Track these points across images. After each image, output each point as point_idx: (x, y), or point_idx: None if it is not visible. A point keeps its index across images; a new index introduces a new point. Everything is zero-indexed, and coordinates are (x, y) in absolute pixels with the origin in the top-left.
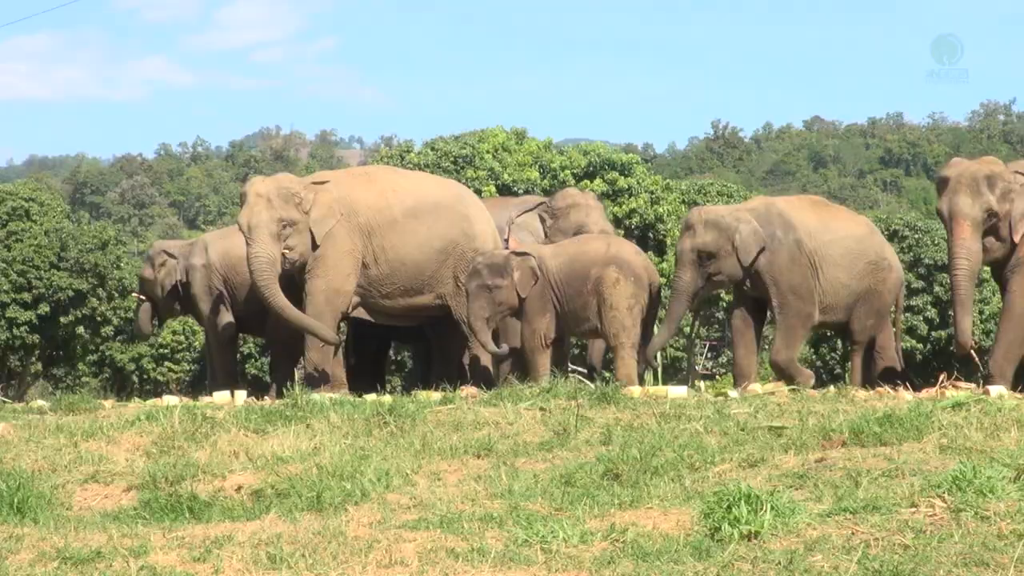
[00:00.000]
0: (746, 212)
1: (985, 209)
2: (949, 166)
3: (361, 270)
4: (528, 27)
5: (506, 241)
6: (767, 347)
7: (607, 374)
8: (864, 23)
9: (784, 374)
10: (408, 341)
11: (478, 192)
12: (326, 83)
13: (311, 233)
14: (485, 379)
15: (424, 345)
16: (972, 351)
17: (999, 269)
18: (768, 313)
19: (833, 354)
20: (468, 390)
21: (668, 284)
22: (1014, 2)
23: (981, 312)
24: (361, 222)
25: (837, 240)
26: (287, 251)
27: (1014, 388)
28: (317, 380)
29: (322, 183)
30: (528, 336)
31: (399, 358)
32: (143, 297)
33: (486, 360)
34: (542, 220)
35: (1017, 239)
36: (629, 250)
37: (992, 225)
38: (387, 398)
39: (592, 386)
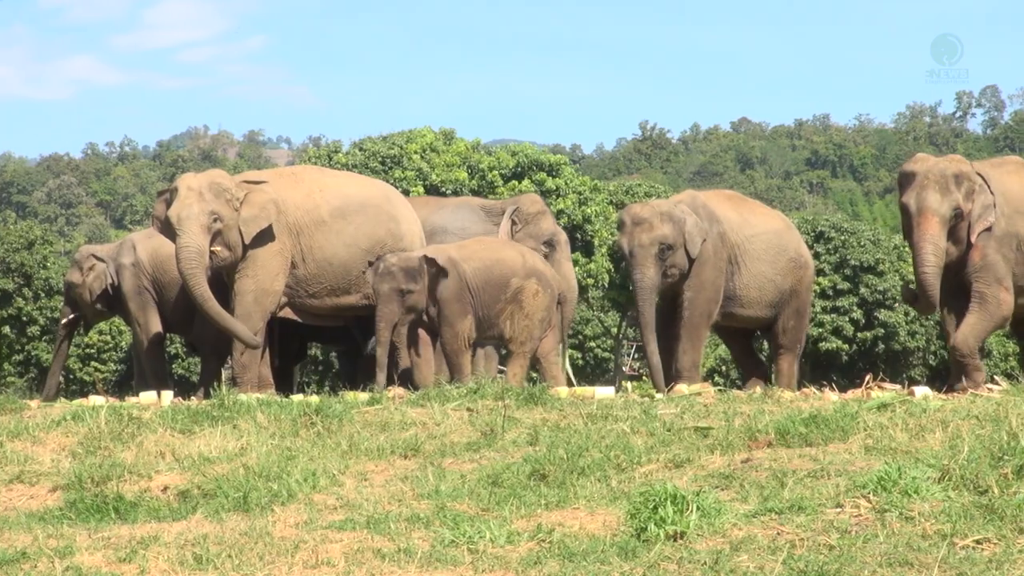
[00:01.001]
0: (683, 205)
1: (953, 207)
2: (915, 161)
3: (289, 270)
4: (457, 28)
5: None
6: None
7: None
8: (790, 25)
9: (686, 378)
10: (327, 342)
11: (406, 192)
12: (254, 83)
13: (240, 232)
14: (408, 379)
15: (349, 346)
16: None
17: (954, 272)
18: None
19: (761, 354)
20: (395, 391)
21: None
22: (941, 6)
23: (907, 313)
24: (289, 222)
25: (758, 235)
26: (216, 249)
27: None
28: (244, 380)
29: (257, 183)
30: (451, 339)
31: (326, 358)
32: (72, 315)
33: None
34: (513, 223)
35: (974, 240)
36: (542, 261)
37: (955, 225)
38: (314, 399)
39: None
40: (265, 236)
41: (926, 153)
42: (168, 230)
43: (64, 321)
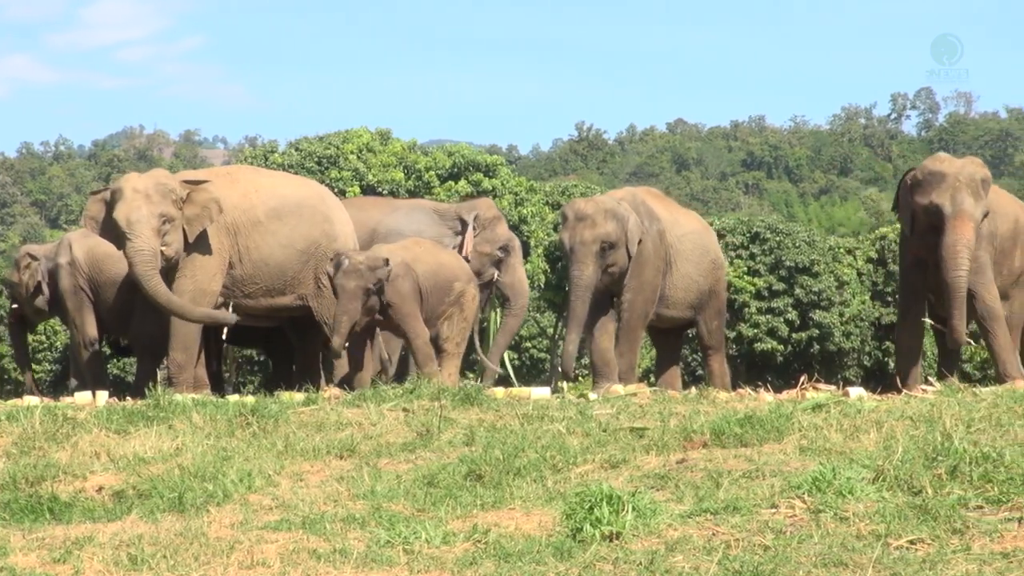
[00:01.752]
0: (625, 203)
1: (983, 212)
2: (941, 160)
3: (226, 270)
4: (393, 27)
5: (462, 246)
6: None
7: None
8: (726, 26)
9: (623, 379)
10: (249, 344)
11: (342, 193)
12: (191, 82)
13: (184, 231)
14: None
15: (281, 346)
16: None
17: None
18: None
19: (695, 355)
20: (331, 391)
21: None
22: (879, 10)
23: (842, 314)
24: (227, 222)
25: (687, 235)
26: (163, 248)
27: (873, 390)
28: (180, 381)
29: (199, 182)
30: (419, 334)
31: (262, 358)
32: (15, 305)
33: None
34: (472, 228)
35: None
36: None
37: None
38: (250, 399)
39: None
40: (205, 236)
41: (946, 153)
42: (111, 232)
43: (8, 315)
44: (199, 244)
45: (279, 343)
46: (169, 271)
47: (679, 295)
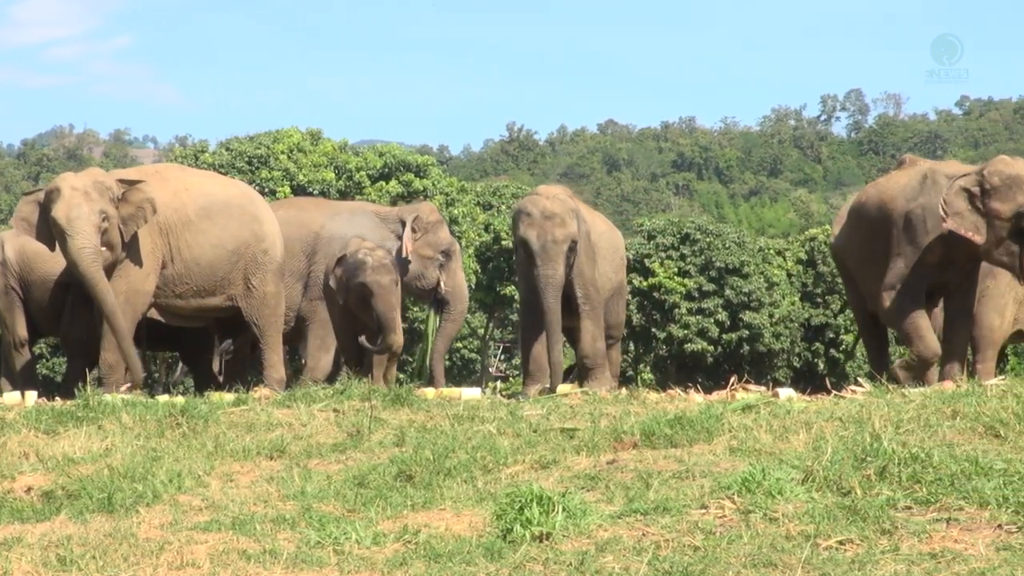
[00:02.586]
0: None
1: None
2: (1009, 163)
3: (159, 270)
4: (324, 27)
5: (401, 248)
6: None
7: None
8: (657, 27)
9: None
10: (162, 347)
11: (272, 193)
12: (121, 82)
13: (120, 231)
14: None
15: (191, 347)
16: None
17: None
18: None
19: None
20: (261, 391)
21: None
22: (808, 13)
23: (771, 315)
24: (159, 221)
25: (603, 234)
26: (104, 246)
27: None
28: (110, 381)
29: (134, 181)
30: (397, 332)
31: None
32: None
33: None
34: (413, 231)
35: None
36: None
37: None
38: (180, 399)
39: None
40: (140, 235)
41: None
42: (46, 232)
43: None
44: (133, 244)
45: (190, 344)
46: (104, 271)
47: (602, 293)
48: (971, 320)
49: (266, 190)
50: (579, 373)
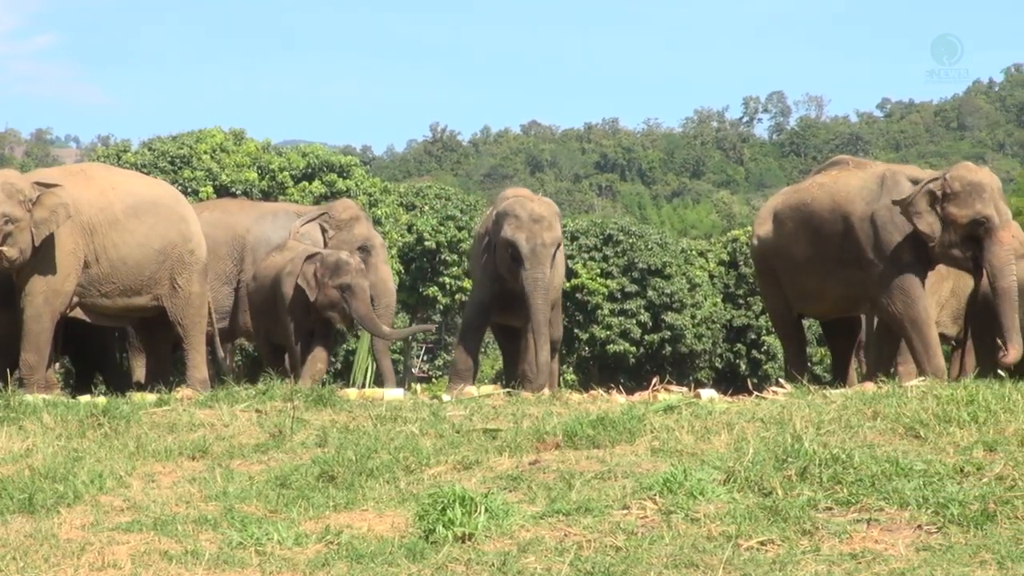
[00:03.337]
0: None
1: None
2: (972, 170)
3: (81, 270)
4: (246, 27)
5: None
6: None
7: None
8: (580, 28)
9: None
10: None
11: (195, 193)
12: (43, 81)
13: (32, 234)
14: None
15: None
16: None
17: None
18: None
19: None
20: (183, 392)
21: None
22: (731, 15)
23: (694, 316)
24: (83, 220)
25: None
26: (6, 249)
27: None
28: (31, 382)
29: (50, 185)
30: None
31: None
32: None
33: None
34: (323, 231)
35: None
36: None
37: None
38: (101, 399)
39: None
40: (56, 238)
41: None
42: None
43: None
44: (51, 245)
45: (95, 345)
46: (18, 272)
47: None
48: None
49: (189, 190)
50: (522, 379)
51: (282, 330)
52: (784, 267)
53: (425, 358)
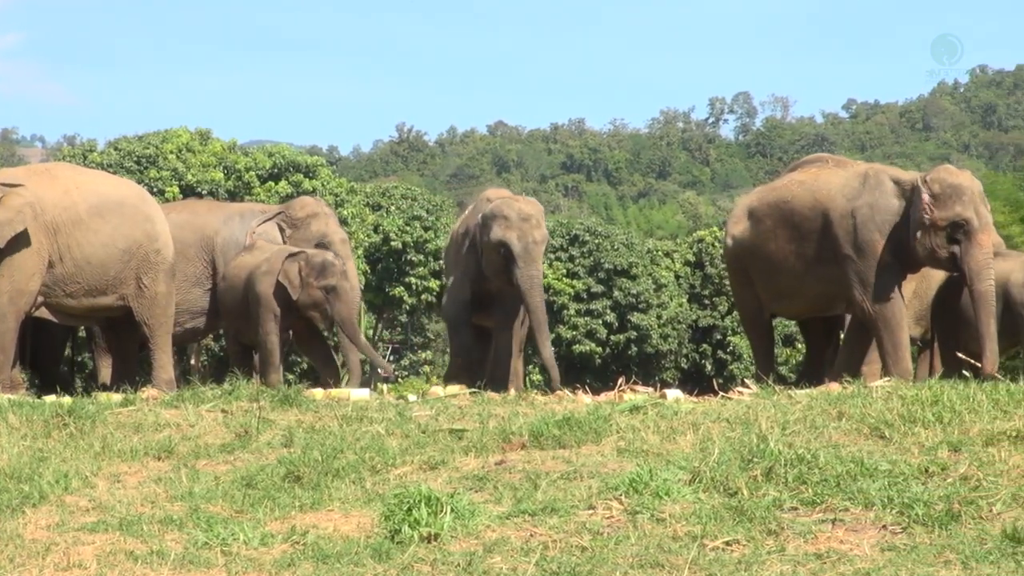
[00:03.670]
0: None
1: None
2: (952, 173)
3: (46, 269)
4: (213, 27)
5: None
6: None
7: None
8: (546, 29)
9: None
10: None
11: (161, 193)
12: (8, 80)
13: None
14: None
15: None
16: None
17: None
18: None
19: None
20: (149, 392)
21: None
22: (697, 16)
23: (659, 317)
24: (47, 220)
25: None
26: None
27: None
28: None
29: (13, 185)
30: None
31: (80, 359)
32: None
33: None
34: (281, 229)
35: None
36: None
37: None
38: (67, 399)
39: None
40: (20, 239)
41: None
42: None
43: None
44: (15, 245)
45: (43, 345)
46: None
47: None
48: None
49: (155, 190)
50: (489, 380)
51: (254, 329)
52: (760, 266)
53: (391, 358)
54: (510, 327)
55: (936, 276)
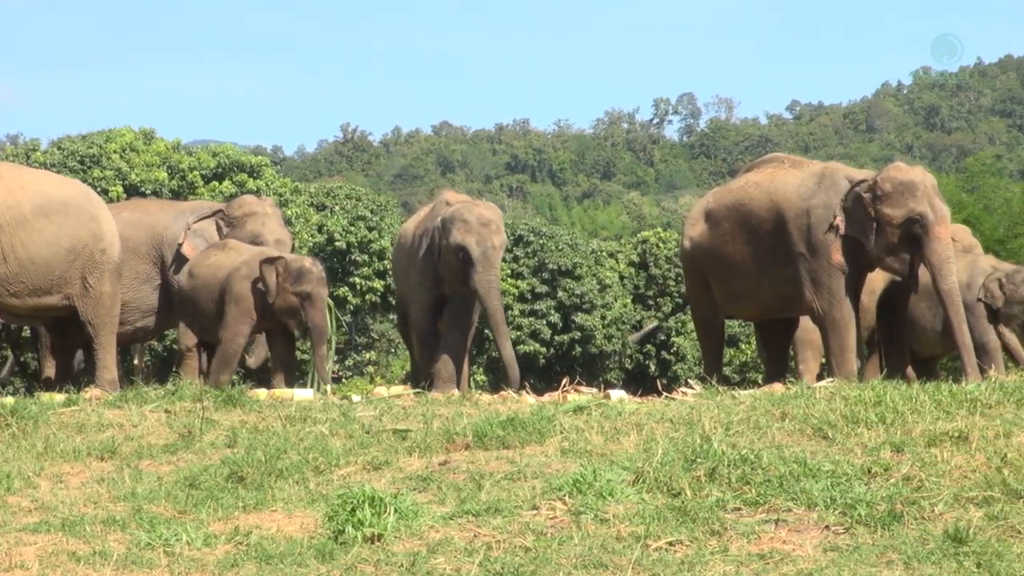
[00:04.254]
0: None
1: None
2: (902, 170)
3: None
4: (158, 25)
5: (180, 246)
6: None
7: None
8: (491, 30)
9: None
10: None
11: (104, 193)
12: None
13: None
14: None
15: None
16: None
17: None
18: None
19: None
20: (92, 392)
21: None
22: (641, 17)
23: (603, 317)
24: None
25: None
26: None
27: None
28: None
29: None
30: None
31: (23, 359)
32: None
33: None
34: (218, 228)
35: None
36: None
37: None
38: (9, 399)
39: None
40: None
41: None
42: None
43: None
44: None
45: None
46: None
47: None
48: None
49: (98, 189)
50: (433, 379)
51: (224, 329)
52: (717, 268)
53: (336, 359)
54: (460, 327)
55: (880, 276)
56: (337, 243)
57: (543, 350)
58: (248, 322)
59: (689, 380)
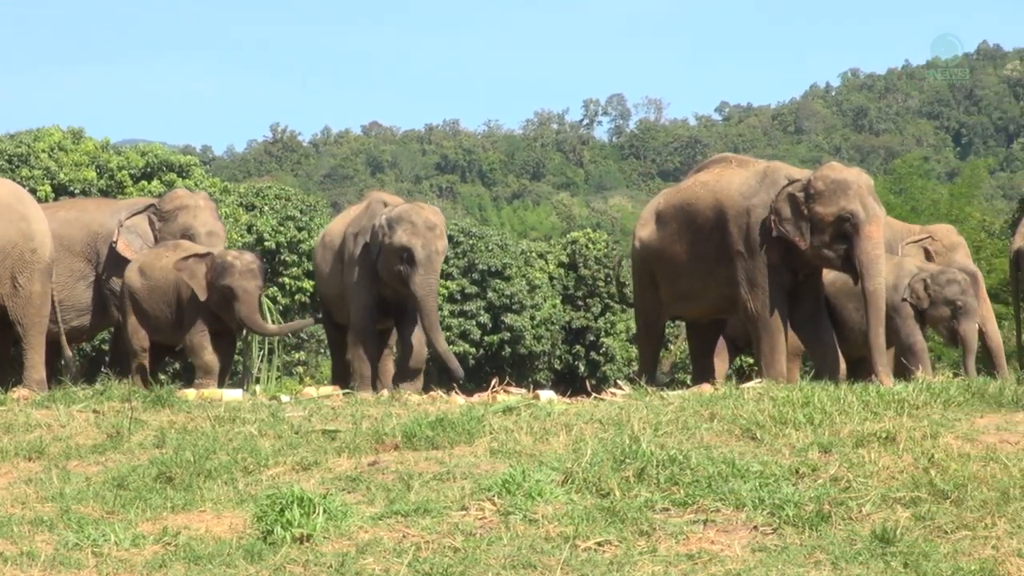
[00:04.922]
0: None
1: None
2: (837, 169)
3: None
4: (85, 24)
5: (114, 243)
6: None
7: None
8: (421, 29)
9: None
10: None
11: (33, 192)
12: None
13: None
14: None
15: None
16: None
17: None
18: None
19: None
20: (20, 392)
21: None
22: (571, 17)
23: (533, 318)
24: None
25: None
26: None
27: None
28: None
29: None
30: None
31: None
32: None
33: None
34: (151, 223)
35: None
36: None
37: None
38: None
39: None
40: None
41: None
42: None
43: None
44: None
45: None
46: None
47: None
48: (826, 323)
49: (27, 189)
50: (401, 375)
51: (182, 329)
52: (665, 268)
53: (266, 358)
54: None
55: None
56: (267, 243)
57: (472, 350)
58: (200, 319)
59: (618, 381)
